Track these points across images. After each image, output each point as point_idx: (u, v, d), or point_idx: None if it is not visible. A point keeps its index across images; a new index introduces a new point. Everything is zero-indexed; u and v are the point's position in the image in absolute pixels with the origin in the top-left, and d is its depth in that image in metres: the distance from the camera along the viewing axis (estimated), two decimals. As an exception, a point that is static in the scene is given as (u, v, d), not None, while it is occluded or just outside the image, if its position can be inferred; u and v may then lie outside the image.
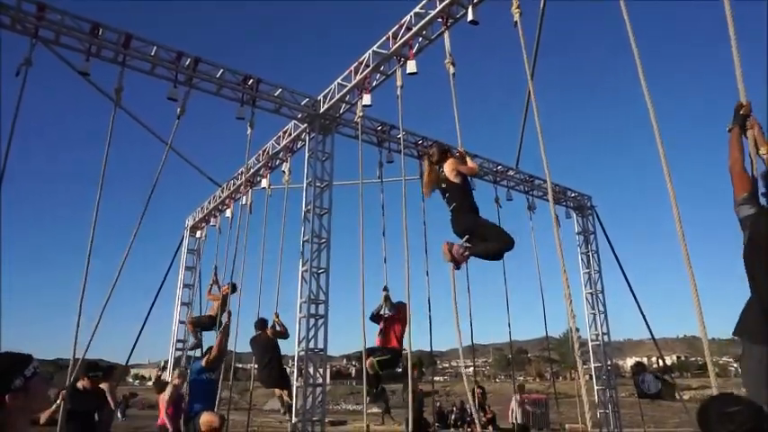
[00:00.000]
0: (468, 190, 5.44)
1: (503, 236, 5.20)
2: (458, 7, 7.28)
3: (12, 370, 1.81)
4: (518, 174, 13.06)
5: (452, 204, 5.34)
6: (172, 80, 8.44)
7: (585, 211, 14.87)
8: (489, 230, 5.31)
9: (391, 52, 8.17)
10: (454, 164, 5.37)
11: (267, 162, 11.69)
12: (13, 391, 1.77)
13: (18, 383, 1.79)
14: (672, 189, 4.07)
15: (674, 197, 4.02)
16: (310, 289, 9.13)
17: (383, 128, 10.56)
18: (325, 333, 9.14)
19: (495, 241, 5.18)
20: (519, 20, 6.00)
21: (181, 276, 15.08)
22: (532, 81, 5.78)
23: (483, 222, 5.39)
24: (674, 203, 3.98)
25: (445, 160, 5.47)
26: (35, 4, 7.28)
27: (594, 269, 14.37)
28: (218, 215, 14.15)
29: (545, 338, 25.74)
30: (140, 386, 66.74)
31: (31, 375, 1.84)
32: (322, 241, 9.53)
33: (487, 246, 5.18)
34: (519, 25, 5.94)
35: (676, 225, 3.86)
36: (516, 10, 6.05)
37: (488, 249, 5.19)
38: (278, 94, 9.46)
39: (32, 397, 1.84)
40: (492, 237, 5.21)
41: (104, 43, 7.82)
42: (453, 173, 5.31)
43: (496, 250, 5.20)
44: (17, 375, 1.80)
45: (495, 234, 5.23)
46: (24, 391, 1.80)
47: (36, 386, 1.86)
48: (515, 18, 6.03)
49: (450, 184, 5.33)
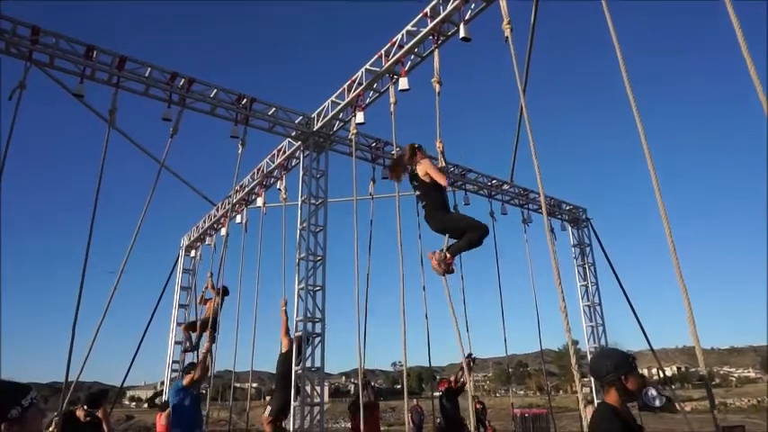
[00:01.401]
0: (439, 188, 5.59)
1: (475, 225, 5.42)
2: (449, 25, 7.37)
3: (10, 399, 1.84)
4: (513, 187, 13.12)
5: (423, 201, 5.60)
6: (166, 100, 8.49)
7: (581, 223, 14.92)
8: (461, 223, 5.51)
9: (384, 70, 8.24)
10: (428, 166, 5.52)
11: (262, 180, 11.70)
12: (9, 420, 1.79)
13: (15, 413, 1.81)
14: (661, 202, 4.09)
15: (663, 211, 4.04)
16: (306, 307, 9.08)
17: (377, 144, 10.61)
18: (322, 351, 9.08)
19: (470, 232, 5.37)
20: (510, 36, 6.06)
21: (176, 297, 14.98)
22: (524, 96, 5.83)
23: (452, 217, 5.66)
24: (665, 217, 4.00)
25: (415, 157, 5.63)
26: (29, 28, 7.33)
27: (591, 281, 14.37)
28: (213, 234, 14.11)
29: (540, 353, 25.60)
30: (136, 408, 65.92)
31: (28, 406, 1.87)
32: (318, 259, 9.51)
33: (466, 239, 5.37)
34: (510, 41, 6.00)
35: (667, 239, 3.87)
36: (507, 26, 6.12)
37: (469, 242, 5.38)
38: (272, 113, 9.51)
39: (27, 427, 1.86)
40: (467, 228, 5.41)
41: (99, 65, 7.87)
42: (426, 175, 5.49)
43: (475, 240, 5.40)
44: (14, 405, 1.82)
45: (467, 226, 5.44)
46: (20, 422, 1.82)
47: (32, 417, 1.88)
48: (506, 34, 6.09)
49: (422, 182, 5.53)
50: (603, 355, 2.83)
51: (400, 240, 7.22)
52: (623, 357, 2.73)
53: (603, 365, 2.72)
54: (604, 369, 2.71)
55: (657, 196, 4.12)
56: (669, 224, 3.88)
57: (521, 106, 6.28)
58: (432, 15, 7.40)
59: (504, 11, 6.23)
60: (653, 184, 4.12)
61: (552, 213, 14.40)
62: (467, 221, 5.48)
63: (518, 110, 7.64)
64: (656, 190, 4.14)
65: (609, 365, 2.70)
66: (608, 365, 2.70)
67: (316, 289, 9.34)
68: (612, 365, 2.69)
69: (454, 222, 5.53)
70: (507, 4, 6.30)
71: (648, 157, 4.25)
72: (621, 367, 2.68)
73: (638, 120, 4.41)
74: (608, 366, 2.70)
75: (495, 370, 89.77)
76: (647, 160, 4.25)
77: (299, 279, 9.25)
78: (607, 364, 2.71)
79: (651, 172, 4.20)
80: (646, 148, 4.30)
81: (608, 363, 2.71)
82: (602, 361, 2.77)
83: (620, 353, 2.80)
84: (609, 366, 2.69)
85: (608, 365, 2.70)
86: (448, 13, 7.17)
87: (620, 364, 2.69)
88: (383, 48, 8.19)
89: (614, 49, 4.71)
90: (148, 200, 8.65)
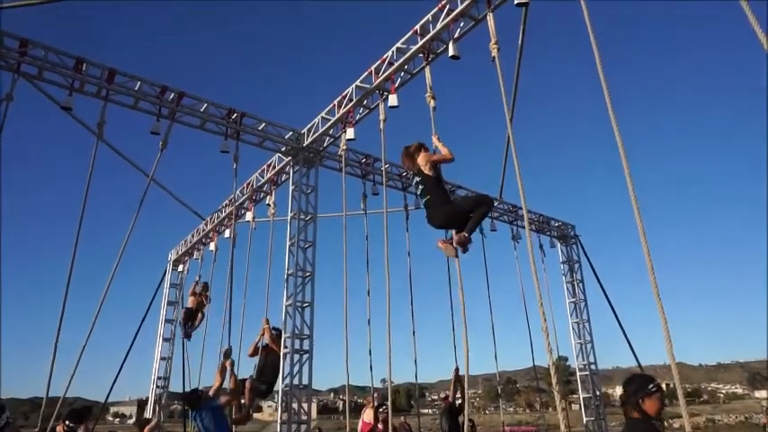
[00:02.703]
0: (441, 181, 5.65)
1: (480, 201, 5.57)
2: (438, 43, 7.45)
3: None
4: (502, 204, 13.17)
5: (425, 197, 5.57)
6: (155, 114, 8.46)
7: (569, 240, 14.99)
8: (468, 204, 5.62)
9: (374, 86, 8.28)
10: (427, 156, 5.59)
11: (252, 195, 11.67)
12: None
13: None
14: (640, 221, 4.12)
15: (642, 230, 4.06)
16: (294, 324, 9.00)
17: (367, 160, 10.63)
18: (309, 368, 8.98)
19: (478, 208, 5.44)
20: (497, 56, 6.13)
21: (163, 312, 14.80)
22: (511, 126, 5.87)
23: (458, 203, 5.74)
24: (644, 237, 4.02)
25: (419, 153, 5.67)
26: (18, 40, 7.29)
27: (580, 298, 14.39)
28: (201, 248, 14.01)
29: (533, 369, 25.52)
30: (120, 424, 64.76)
31: (3, 426, 1.83)
32: (306, 274, 9.46)
33: (478, 214, 5.43)
34: (497, 61, 6.06)
35: (646, 260, 3.90)
36: (494, 46, 6.19)
37: (481, 215, 5.50)
38: (262, 128, 9.51)
39: None
40: (473, 207, 5.48)
41: (88, 78, 7.83)
42: (427, 165, 5.53)
43: (486, 211, 5.60)
44: None
45: (473, 203, 5.59)
46: None
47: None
48: (493, 54, 6.16)
49: (424, 176, 5.54)
50: (629, 379, 3.12)
51: (387, 257, 7.20)
52: (643, 382, 3.00)
53: (627, 389, 3.03)
54: (627, 392, 3.00)
55: (637, 217, 4.15)
56: (648, 243, 3.92)
57: (507, 135, 6.33)
58: (421, 33, 7.47)
59: (492, 31, 6.32)
60: (632, 204, 4.15)
61: (541, 230, 14.47)
62: (471, 201, 5.67)
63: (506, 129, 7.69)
64: (634, 209, 4.17)
65: (631, 389, 2.99)
66: (630, 389, 2.99)
67: (304, 305, 9.27)
68: (633, 389, 2.98)
69: (461, 207, 5.59)
70: (495, 24, 6.40)
71: (627, 174, 4.28)
72: (640, 391, 2.94)
73: (618, 134, 4.46)
74: (630, 390, 2.99)
75: (485, 387, 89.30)
76: (627, 178, 4.29)
77: (287, 295, 9.18)
78: (630, 388, 3.01)
79: (630, 188, 4.23)
80: (624, 162, 4.34)
81: (631, 386, 3.02)
82: (627, 384, 3.07)
83: (642, 377, 3.09)
84: (630, 390, 2.99)
85: (630, 389, 2.99)
86: (437, 32, 7.24)
87: (640, 387, 2.96)
88: (373, 64, 8.25)
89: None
90: (136, 214, 8.61)
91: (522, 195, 5.32)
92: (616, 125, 4.50)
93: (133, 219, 8.61)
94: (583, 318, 14.23)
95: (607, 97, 4.61)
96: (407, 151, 5.78)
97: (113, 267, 8.13)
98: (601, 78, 4.72)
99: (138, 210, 8.68)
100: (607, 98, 4.60)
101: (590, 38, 4.90)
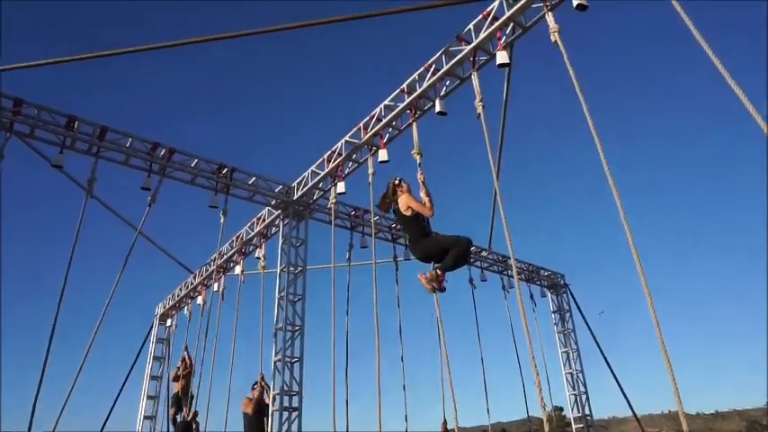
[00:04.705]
0: (420, 218, 5.74)
1: (458, 240, 5.54)
2: (425, 100, 7.67)
3: None
4: (491, 254, 13.23)
5: (407, 234, 5.90)
6: (146, 170, 8.53)
7: (559, 289, 14.99)
8: (445, 242, 5.62)
9: (363, 142, 8.45)
10: (407, 200, 5.72)
11: (241, 248, 11.63)
12: None
13: None
14: (642, 271, 4.18)
15: (643, 279, 4.11)
16: (283, 380, 8.81)
17: (356, 212, 10.71)
18: (299, 427, 8.73)
19: (455, 248, 5.47)
20: (482, 113, 6.32)
21: (148, 368, 14.38)
22: (498, 181, 6.02)
23: (435, 240, 5.75)
24: (646, 290, 4.06)
25: (395, 194, 5.84)
26: (12, 100, 7.41)
27: (572, 348, 14.26)
28: (189, 302, 13.80)
29: (527, 420, 24.91)
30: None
31: None
32: (296, 329, 9.33)
33: (452, 254, 5.47)
34: (482, 117, 6.25)
35: (651, 314, 3.92)
36: (479, 103, 6.40)
37: (455, 257, 5.49)
38: (252, 182, 9.60)
39: None
40: (451, 245, 5.51)
41: (79, 135, 7.93)
42: (407, 209, 5.68)
43: (461, 253, 5.54)
44: None
45: (451, 242, 5.56)
46: None
47: None
48: (479, 111, 6.36)
49: (403, 216, 5.76)
50: None
51: (376, 310, 7.16)
52: None
53: None
54: None
55: (638, 267, 4.21)
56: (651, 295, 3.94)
57: (494, 190, 6.48)
58: (408, 91, 7.70)
59: (477, 89, 6.55)
60: (632, 256, 4.21)
61: (531, 279, 14.48)
62: (447, 239, 5.63)
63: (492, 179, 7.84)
64: (635, 260, 4.23)
65: None
66: None
67: (293, 360, 9.10)
68: None
69: (438, 244, 5.66)
70: (480, 83, 6.64)
71: (625, 223, 4.36)
72: None
73: (612, 181, 4.57)
74: None
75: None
76: (625, 229, 4.36)
77: (276, 350, 9.02)
78: None
79: (627, 234, 4.31)
80: (620, 208, 4.43)
81: None
82: None
83: None
84: None
85: None
86: (424, 90, 7.47)
87: None
88: (362, 120, 8.45)
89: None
90: (123, 266, 8.56)
91: (509, 248, 5.40)
92: (611, 177, 4.61)
93: (119, 272, 8.54)
94: (576, 368, 14.06)
95: (601, 153, 4.75)
96: (389, 185, 5.95)
97: (97, 322, 7.99)
98: (592, 133, 4.87)
99: (124, 263, 8.64)
100: (600, 152, 4.74)
101: (578, 96, 5.10)
